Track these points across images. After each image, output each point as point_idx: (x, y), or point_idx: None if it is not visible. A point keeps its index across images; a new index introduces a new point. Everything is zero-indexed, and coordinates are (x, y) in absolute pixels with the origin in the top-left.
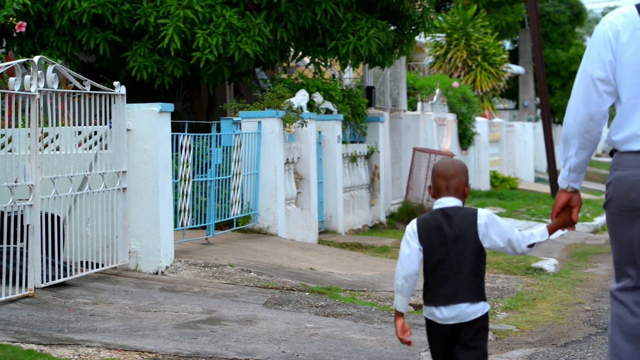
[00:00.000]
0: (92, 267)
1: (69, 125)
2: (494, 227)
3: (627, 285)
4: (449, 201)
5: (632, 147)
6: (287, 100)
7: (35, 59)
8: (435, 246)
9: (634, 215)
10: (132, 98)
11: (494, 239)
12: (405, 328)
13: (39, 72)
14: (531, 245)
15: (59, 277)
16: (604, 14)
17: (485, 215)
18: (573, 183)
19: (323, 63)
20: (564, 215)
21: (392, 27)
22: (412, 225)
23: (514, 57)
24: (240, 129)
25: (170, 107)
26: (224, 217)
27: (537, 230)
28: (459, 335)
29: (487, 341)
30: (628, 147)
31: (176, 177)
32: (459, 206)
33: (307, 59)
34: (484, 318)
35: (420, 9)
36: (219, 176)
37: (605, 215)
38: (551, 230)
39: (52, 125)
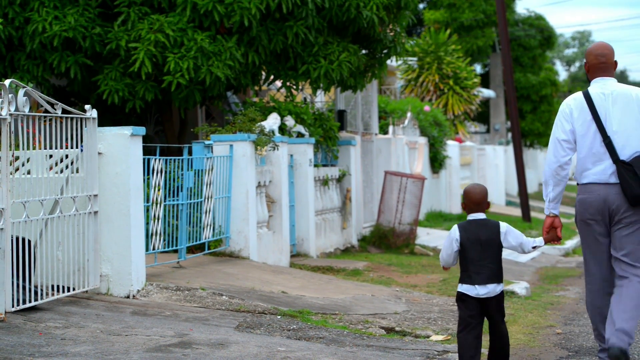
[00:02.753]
0: (63, 291)
1: (40, 148)
2: (511, 234)
3: None
4: (479, 215)
5: (584, 180)
6: (259, 123)
7: (6, 82)
8: (473, 246)
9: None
10: (103, 121)
11: (510, 241)
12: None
13: (10, 95)
14: (534, 247)
15: (30, 301)
16: (573, 38)
17: (505, 225)
18: (553, 210)
19: (294, 86)
20: (552, 232)
21: (364, 51)
22: (455, 231)
23: (485, 81)
24: (211, 152)
25: (142, 130)
26: (196, 241)
27: (538, 239)
28: (490, 305)
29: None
30: (584, 180)
31: (148, 201)
32: (486, 218)
33: (278, 83)
34: (503, 292)
35: (391, 34)
36: (190, 199)
37: None
38: (545, 241)
39: (23, 149)
